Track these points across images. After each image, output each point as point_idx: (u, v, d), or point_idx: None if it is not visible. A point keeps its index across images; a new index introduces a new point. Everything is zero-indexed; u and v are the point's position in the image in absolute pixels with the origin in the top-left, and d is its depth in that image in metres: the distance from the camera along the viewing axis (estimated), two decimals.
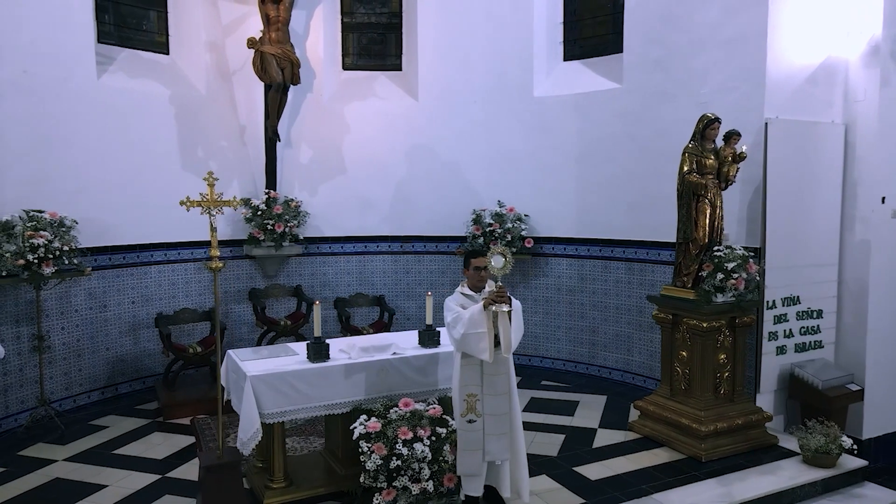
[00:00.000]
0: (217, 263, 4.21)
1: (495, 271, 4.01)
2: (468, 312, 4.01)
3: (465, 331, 3.98)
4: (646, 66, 6.83)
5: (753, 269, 5.21)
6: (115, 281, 6.83)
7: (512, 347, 4.02)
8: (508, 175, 7.91)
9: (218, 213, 4.34)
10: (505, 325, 3.97)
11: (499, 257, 4.01)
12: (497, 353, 4.08)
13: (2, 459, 5.22)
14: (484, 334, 3.97)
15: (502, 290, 3.98)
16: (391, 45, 8.52)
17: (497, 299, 3.95)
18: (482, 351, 3.98)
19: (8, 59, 5.83)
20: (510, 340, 3.98)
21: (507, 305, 3.96)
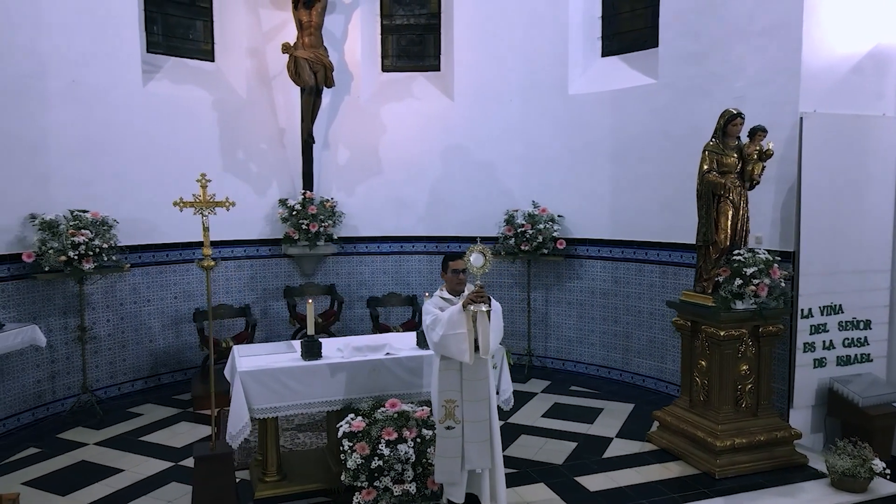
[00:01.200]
0: (209, 262, 4.37)
1: (474, 270, 3.94)
2: (447, 314, 3.96)
3: (444, 332, 3.93)
4: (681, 60, 6.51)
5: (777, 274, 4.85)
6: (159, 277, 7.23)
7: (491, 349, 3.93)
8: (543, 175, 7.75)
9: (211, 214, 4.45)
10: (484, 325, 3.90)
11: (478, 255, 3.95)
12: (477, 356, 4.01)
13: (42, 441, 5.65)
14: (463, 335, 3.91)
15: (481, 289, 3.90)
16: (430, 46, 8.55)
17: (476, 299, 3.88)
18: (462, 352, 3.92)
19: (58, 70, 6.29)
20: (489, 341, 3.90)
21: (487, 305, 3.89)
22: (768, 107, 5.60)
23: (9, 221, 5.91)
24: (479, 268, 3.93)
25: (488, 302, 3.92)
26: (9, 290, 5.90)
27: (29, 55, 6.05)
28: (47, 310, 6.28)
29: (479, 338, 3.91)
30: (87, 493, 4.63)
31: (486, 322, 3.89)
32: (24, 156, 6.05)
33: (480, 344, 3.92)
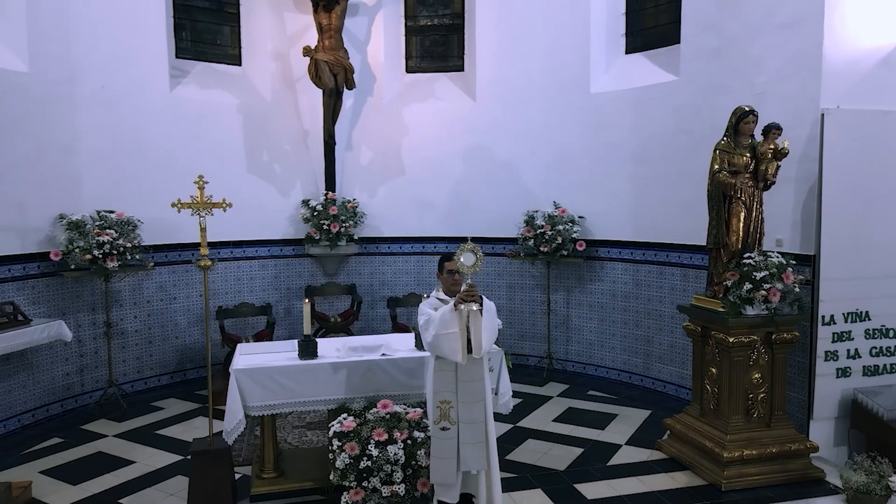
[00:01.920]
0: (206, 262, 4.47)
1: (465, 269, 3.91)
2: (439, 313, 3.94)
3: (436, 332, 3.91)
4: (702, 56, 6.30)
5: (791, 279, 4.62)
6: (184, 275, 7.46)
7: (483, 349, 3.87)
8: (565, 175, 7.63)
9: (207, 214, 4.56)
10: (476, 325, 3.85)
11: (469, 254, 3.91)
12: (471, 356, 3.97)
13: (65, 431, 5.91)
14: (456, 335, 3.87)
15: (472, 288, 3.87)
16: (453, 46, 8.53)
17: (467, 298, 3.84)
18: (454, 352, 3.89)
19: (87, 76, 6.56)
20: (481, 341, 3.85)
21: (478, 304, 3.85)
22: (789, 103, 5.36)
23: (40, 221, 6.19)
24: (470, 267, 3.90)
25: (480, 301, 3.87)
26: (39, 286, 6.19)
27: (60, 62, 6.33)
28: (76, 306, 6.56)
29: (472, 337, 3.87)
30: (97, 483, 4.82)
31: (478, 321, 3.85)
32: (56, 159, 6.34)
33: (473, 343, 3.87)
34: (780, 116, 5.32)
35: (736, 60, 5.93)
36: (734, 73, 5.95)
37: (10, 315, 5.68)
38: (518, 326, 8.12)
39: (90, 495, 4.63)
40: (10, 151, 5.90)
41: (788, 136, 5.24)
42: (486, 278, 8.21)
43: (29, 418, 6.10)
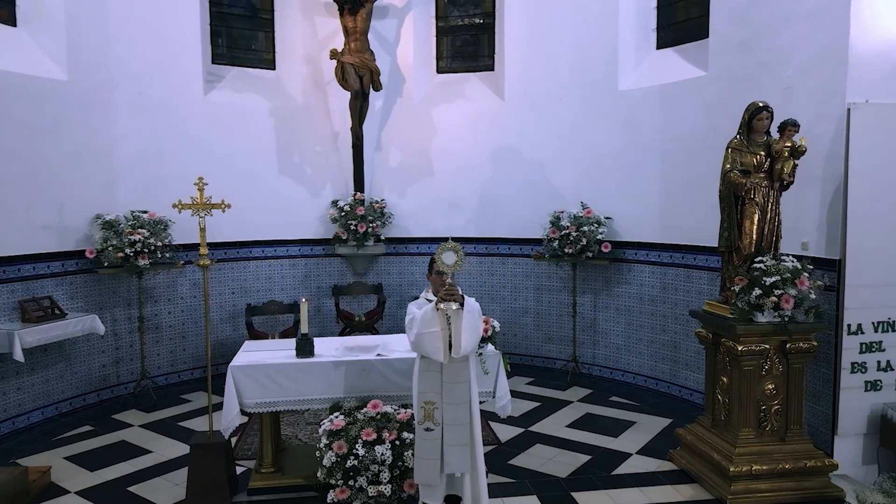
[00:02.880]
0: (205, 261, 4.61)
1: (446, 268, 3.90)
2: (421, 312, 3.94)
3: (418, 331, 3.91)
4: (730, 50, 6.02)
5: (806, 285, 4.35)
6: (217, 273, 7.73)
7: (462, 349, 3.83)
8: (592, 175, 7.46)
9: (207, 215, 4.69)
10: (456, 324, 3.83)
11: (450, 253, 3.90)
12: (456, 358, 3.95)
13: (97, 420, 6.23)
14: (437, 334, 3.86)
15: (451, 287, 3.85)
16: (484, 46, 8.49)
17: (446, 297, 3.83)
18: (436, 351, 3.88)
19: (124, 84, 6.90)
20: (460, 341, 3.82)
21: (458, 304, 3.82)
22: (816, 97, 5.06)
23: (78, 221, 6.55)
24: (451, 266, 3.89)
25: (461, 300, 3.84)
26: (77, 282, 6.56)
27: (98, 70, 6.68)
28: (112, 301, 6.91)
29: (452, 337, 3.85)
30: (112, 471, 5.06)
31: (459, 321, 3.83)
32: (94, 162, 6.69)
33: (452, 343, 3.85)
34: (807, 111, 5.06)
35: (763, 53, 5.64)
36: (762, 66, 5.66)
37: (48, 309, 6.05)
38: (545, 329, 7.99)
39: (103, 482, 4.86)
40: (51, 155, 6.27)
41: (815, 132, 4.97)
42: (513, 279, 8.14)
43: (66, 406, 6.47)
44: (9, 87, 5.91)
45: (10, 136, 5.91)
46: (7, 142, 5.89)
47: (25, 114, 6.05)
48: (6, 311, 5.87)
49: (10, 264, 5.91)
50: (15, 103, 5.96)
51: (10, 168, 5.91)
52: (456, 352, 3.82)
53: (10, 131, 5.92)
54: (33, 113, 6.11)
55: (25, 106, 6.05)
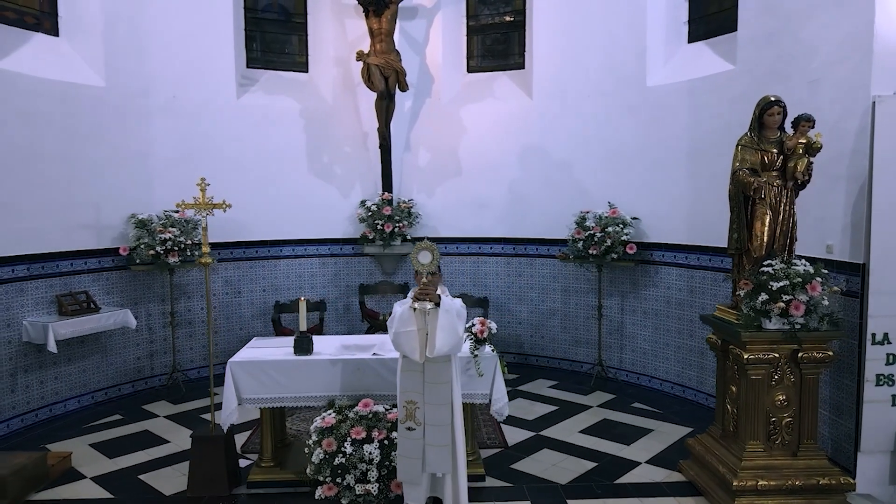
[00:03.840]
0: (207, 259, 4.76)
1: (421, 267, 3.91)
2: (399, 310, 3.96)
3: (395, 329, 3.93)
4: (758, 42, 5.72)
5: (818, 290, 4.08)
6: (249, 271, 7.97)
7: (437, 349, 3.81)
8: (620, 174, 7.25)
9: (209, 215, 4.84)
10: (432, 324, 3.82)
11: (426, 253, 3.93)
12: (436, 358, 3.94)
13: (128, 410, 6.54)
14: (413, 333, 3.88)
15: (426, 286, 3.84)
16: (514, 44, 8.39)
17: (420, 296, 3.83)
18: (413, 350, 3.90)
19: (160, 88, 7.20)
20: (435, 340, 3.80)
21: (431, 303, 3.81)
22: (841, 90, 4.75)
23: (115, 220, 6.89)
24: (426, 265, 3.90)
25: (437, 299, 3.83)
26: (113, 278, 6.90)
27: (135, 76, 7.00)
28: (147, 297, 7.23)
29: (429, 335, 3.84)
30: (129, 459, 5.30)
31: (434, 320, 3.81)
32: (131, 164, 7.02)
33: (428, 342, 3.84)
34: (834, 106, 4.78)
35: (791, 45, 5.33)
36: (789, 59, 5.35)
37: (83, 303, 6.39)
38: (572, 331, 7.83)
39: (118, 469, 5.10)
40: (89, 158, 6.62)
41: (841, 127, 4.69)
42: (541, 281, 8.02)
43: (102, 396, 6.82)
44: (51, 94, 6.28)
45: (50, 140, 6.28)
46: (48, 146, 6.25)
47: (66, 119, 6.41)
48: (45, 304, 6.24)
49: (48, 260, 6.28)
50: (56, 110, 6.32)
51: (51, 170, 6.28)
52: (430, 351, 3.81)
53: (51, 136, 6.29)
54: (73, 118, 6.47)
55: (66, 112, 6.41)
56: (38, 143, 6.15)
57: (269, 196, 7.96)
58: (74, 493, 4.68)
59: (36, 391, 6.18)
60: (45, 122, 6.22)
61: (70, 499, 4.59)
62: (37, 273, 6.16)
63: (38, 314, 6.14)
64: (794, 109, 4.68)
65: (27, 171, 6.06)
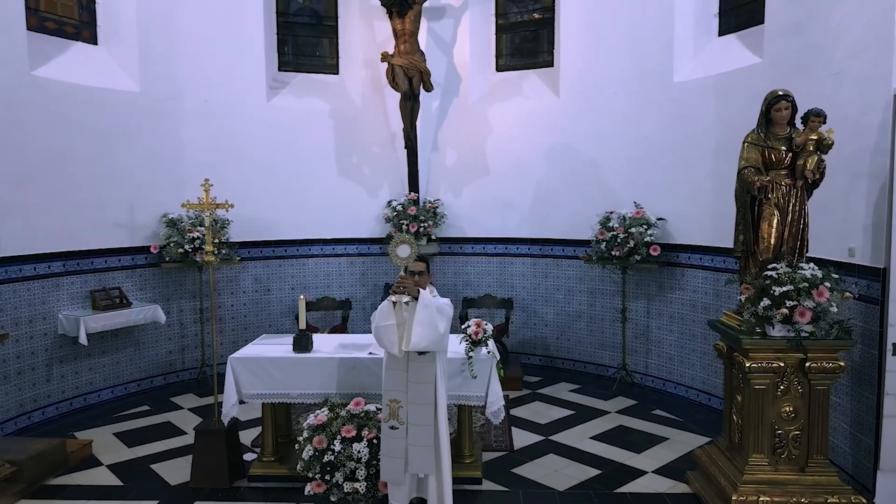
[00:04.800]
0: (210, 258, 4.90)
1: (399, 261, 3.94)
2: (381, 305, 3.99)
3: (376, 323, 3.98)
4: (785, 33, 5.43)
5: (825, 296, 3.83)
6: (278, 269, 8.16)
7: (413, 343, 3.80)
8: (646, 173, 7.04)
9: (211, 215, 4.97)
10: (410, 318, 3.82)
11: (405, 246, 3.96)
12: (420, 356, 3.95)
13: (156, 401, 6.81)
14: (392, 327, 3.91)
15: (403, 280, 3.85)
16: (543, 42, 8.27)
17: (396, 289, 3.84)
18: (392, 345, 3.93)
19: (192, 92, 7.47)
20: (411, 334, 3.79)
21: (408, 296, 3.81)
22: (863, 83, 4.45)
23: (148, 219, 7.20)
24: (405, 259, 3.93)
25: (415, 293, 3.82)
26: (146, 275, 7.21)
27: (168, 81, 7.29)
28: (179, 293, 7.52)
29: (405, 329, 3.85)
30: (146, 448, 5.52)
31: (412, 314, 3.81)
32: (165, 165, 7.31)
33: (405, 336, 3.84)
34: (856, 99, 4.50)
35: (816, 35, 5.03)
36: (815, 50, 5.05)
37: (115, 298, 6.70)
38: (598, 335, 7.64)
39: (134, 458, 5.32)
40: (124, 160, 6.93)
41: (862, 121, 4.41)
42: (567, 282, 7.87)
43: (134, 387, 7.13)
44: (87, 100, 6.61)
45: (87, 143, 6.61)
46: (84, 149, 6.59)
47: (102, 123, 6.73)
48: (80, 299, 6.58)
49: (83, 258, 6.61)
50: (92, 114, 6.65)
51: (87, 172, 6.61)
52: (406, 345, 3.81)
53: (87, 139, 6.62)
54: (109, 122, 6.79)
55: (102, 116, 6.73)
56: (73, 146, 6.48)
57: (299, 196, 8.12)
58: (88, 480, 4.91)
59: (70, 381, 6.52)
60: (81, 127, 6.55)
61: (82, 484, 4.82)
62: (72, 269, 6.50)
63: (72, 308, 6.48)
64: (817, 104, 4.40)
65: (63, 173, 6.39)
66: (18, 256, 5.99)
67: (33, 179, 6.12)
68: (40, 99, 6.18)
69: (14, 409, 5.97)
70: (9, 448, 4.82)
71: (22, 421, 6.04)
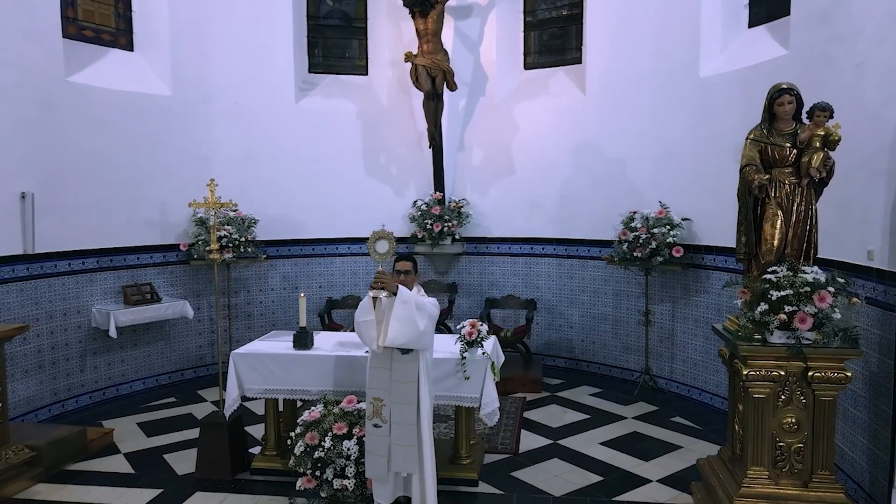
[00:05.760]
0: (215, 255, 5.03)
1: (378, 257, 3.97)
2: (362, 301, 4.03)
3: (356, 319, 4.03)
4: (811, 23, 5.15)
5: (827, 301, 3.60)
6: (306, 268, 8.32)
7: (389, 338, 3.80)
8: (671, 172, 6.82)
9: (214, 215, 5.09)
10: (387, 313, 3.83)
11: (383, 242, 3.99)
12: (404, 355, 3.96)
13: (183, 393, 7.07)
14: (371, 322, 3.95)
15: (381, 275, 3.87)
16: (571, 38, 8.12)
17: (374, 285, 3.86)
18: (371, 340, 3.98)
19: (222, 95, 7.71)
20: (388, 329, 3.79)
21: (384, 292, 3.82)
22: (883, 74, 4.16)
23: (178, 218, 7.47)
24: (383, 254, 3.95)
25: (394, 289, 3.83)
26: (176, 272, 7.50)
27: (199, 85, 7.55)
28: (209, 289, 7.78)
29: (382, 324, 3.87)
30: (164, 438, 5.74)
31: (390, 309, 3.82)
32: (194, 166, 7.54)
33: (382, 331, 3.86)
34: (876, 91, 4.24)
35: (840, 24, 4.75)
36: (838, 40, 4.77)
37: (146, 294, 6.99)
38: (623, 338, 7.45)
39: (150, 447, 5.54)
40: (156, 161, 7.22)
41: (882, 116, 4.15)
42: (592, 283, 7.71)
43: (165, 379, 7.42)
44: (122, 104, 6.92)
45: (121, 145, 6.92)
46: (118, 151, 6.90)
47: (135, 126, 7.03)
48: (112, 294, 6.90)
49: (116, 254, 6.93)
50: (126, 118, 6.96)
51: (121, 173, 6.92)
52: (382, 340, 3.82)
53: (121, 142, 6.93)
54: (142, 125, 7.09)
55: (135, 119, 7.03)
56: (108, 148, 6.80)
57: (326, 196, 8.26)
58: (104, 466, 5.14)
59: (103, 372, 6.85)
60: (115, 130, 6.86)
61: (97, 471, 5.06)
62: (105, 265, 6.82)
63: (105, 303, 6.80)
64: (840, 97, 4.23)
65: (98, 174, 6.71)
66: (54, 253, 6.33)
67: (69, 180, 6.45)
68: (76, 103, 6.51)
69: (48, 398, 6.31)
70: (31, 434, 5.10)
71: (56, 409, 6.38)
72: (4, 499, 4.53)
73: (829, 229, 4.69)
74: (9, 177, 5.91)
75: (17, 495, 4.61)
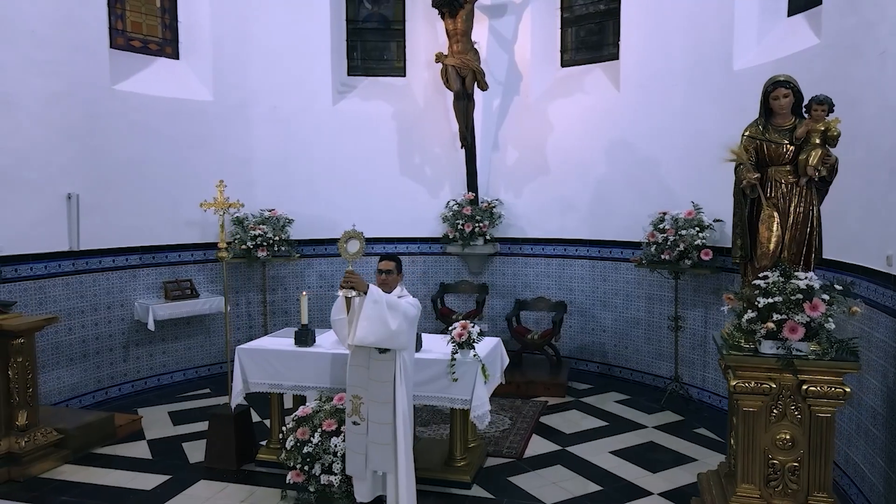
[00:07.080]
0: (223, 254, 5.23)
1: (349, 256, 4.03)
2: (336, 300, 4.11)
3: (332, 318, 4.12)
4: (841, 10, 4.79)
5: (819, 310, 3.34)
6: (342, 266, 8.45)
7: (358, 337, 3.87)
8: (704, 171, 6.47)
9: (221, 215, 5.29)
10: (358, 312, 3.89)
11: (354, 241, 4.04)
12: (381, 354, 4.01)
13: (217, 385, 7.38)
14: (343, 321, 4.12)
15: (350, 275, 3.92)
16: (608, 34, 7.89)
17: (343, 284, 3.92)
18: (343, 339, 4.10)
19: (262, 99, 8.00)
20: (356, 328, 3.85)
21: (353, 291, 3.86)
22: None
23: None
24: (353, 254, 4.01)
25: (364, 288, 3.87)
26: (216, 269, 7.84)
27: (239, 90, 7.87)
28: (247, 286, 8.10)
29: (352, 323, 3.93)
30: (186, 428, 6.03)
31: (360, 308, 3.88)
32: (236, 168, 7.88)
33: (351, 330, 3.93)
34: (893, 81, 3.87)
35: (869, 10, 4.39)
36: (866, 27, 4.41)
37: (185, 290, 7.37)
38: (656, 343, 7.17)
39: (173, 435, 5.84)
40: (197, 163, 7.58)
41: None
42: (625, 286, 7.48)
43: (205, 371, 7.79)
44: (166, 109, 7.32)
45: (163, 149, 7.32)
46: (161, 154, 7.30)
47: (177, 130, 7.42)
48: (154, 289, 7.31)
49: (158, 252, 7.34)
50: (169, 122, 7.35)
51: (163, 174, 7.32)
52: (351, 338, 3.89)
53: (164, 145, 7.33)
54: (184, 129, 7.47)
55: (177, 124, 7.42)
56: (151, 151, 7.20)
57: (362, 196, 8.40)
58: (126, 452, 5.46)
59: (145, 362, 7.27)
60: (158, 134, 7.26)
61: (119, 455, 5.37)
62: (147, 262, 7.24)
63: (147, 297, 7.21)
64: (866, 88, 3.96)
65: (141, 176, 7.12)
66: (98, 250, 6.77)
67: (113, 182, 6.88)
68: (121, 110, 6.93)
69: (92, 385, 6.77)
70: (63, 418, 5.49)
71: (99, 395, 6.83)
72: (31, 477, 4.90)
73: (852, 232, 4.37)
74: (56, 179, 6.37)
75: (42, 475, 4.97)
